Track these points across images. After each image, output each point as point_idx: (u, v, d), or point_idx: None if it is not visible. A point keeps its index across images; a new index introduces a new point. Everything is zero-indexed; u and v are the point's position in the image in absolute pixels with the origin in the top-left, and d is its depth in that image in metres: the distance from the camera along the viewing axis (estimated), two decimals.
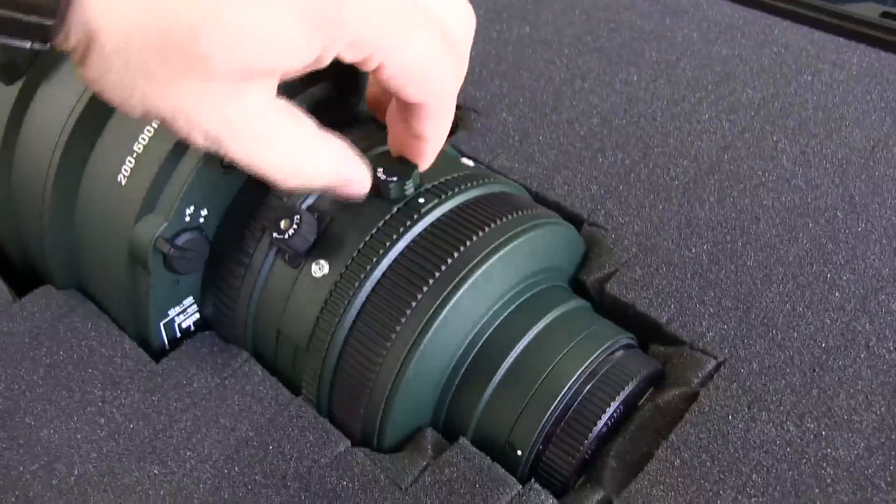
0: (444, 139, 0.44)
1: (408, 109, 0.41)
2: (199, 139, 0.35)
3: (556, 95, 0.67)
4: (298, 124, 0.38)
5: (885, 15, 0.69)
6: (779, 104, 0.64)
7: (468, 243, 0.45)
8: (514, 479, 0.44)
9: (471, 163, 0.51)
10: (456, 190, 0.47)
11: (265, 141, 0.37)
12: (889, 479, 0.43)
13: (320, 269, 0.45)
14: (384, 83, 0.38)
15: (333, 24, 0.34)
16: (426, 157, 0.45)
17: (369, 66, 0.37)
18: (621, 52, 0.70)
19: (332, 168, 0.41)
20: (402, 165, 0.44)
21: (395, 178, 0.44)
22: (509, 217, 0.46)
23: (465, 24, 0.41)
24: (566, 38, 0.72)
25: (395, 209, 0.45)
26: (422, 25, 0.37)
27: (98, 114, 0.48)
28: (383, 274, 0.44)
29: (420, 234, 0.45)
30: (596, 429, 0.44)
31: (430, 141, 0.43)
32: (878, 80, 0.65)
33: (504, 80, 0.69)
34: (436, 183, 0.47)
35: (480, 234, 0.45)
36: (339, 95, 0.51)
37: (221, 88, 0.34)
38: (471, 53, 0.43)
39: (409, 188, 0.45)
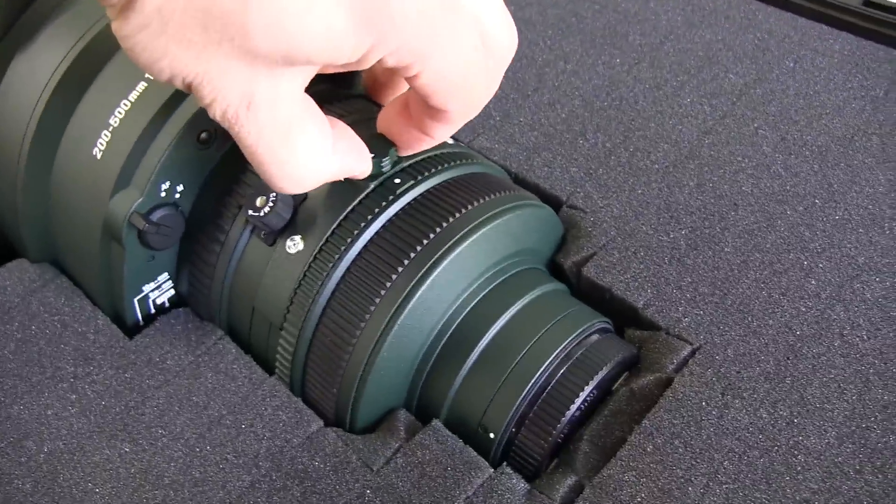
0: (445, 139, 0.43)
1: (428, 110, 0.40)
2: (217, 112, 0.34)
3: (538, 76, 0.67)
4: (316, 125, 0.37)
5: (867, 3, 0.68)
6: (760, 90, 0.64)
7: (444, 224, 0.44)
8: (486, 463, 0.44)
9: (451, 140, 0.51)
10: (433, 170, 0.46)
11: (280, 133, 0.35)
12: (858, 468, 0.43)
13: (294, 245, 0.45)
14: (415, 88, 0.37)
15: (384, 26, 0.33)
16: (416, 148, 0.44)
17: (405, 74, 0.36)
18: (605, 34, 0.70)
19: (333, 174, 0.40)
20: (379, 142, 0.44)
21: (372, 155, 0.44)
22: (486, 198, 0.46)
23: (507, 40, 0.39)
24: (550, 19, 0.72)
25: (370, 186, 0.45)
26: (466, 35, 0.36)
27: (74, 86, 0.48)
28: (358, 254, 0.44)
29: (396, 214, 0.45)
30: (569, 413, 0.44)
31: (433, 139, 0.42)
32: (859, 67, 0.65)
33: None
34: (413, 162, 0.47)
35: (457, 215, 0.45)
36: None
37: (255, 65, 0.33)
38: None
39: (386, 165, 0.44)
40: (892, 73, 0.64)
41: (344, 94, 0.51)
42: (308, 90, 0.36)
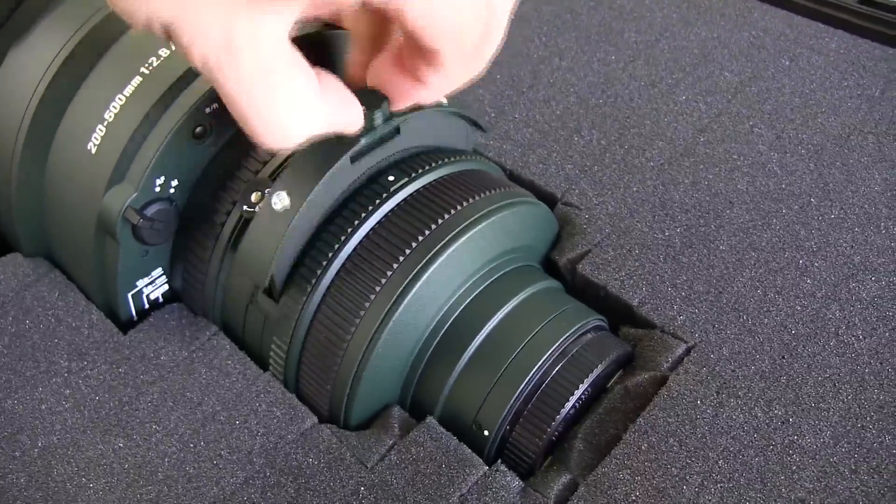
0: (440, 95, 0.41)
1: (421, 53, 0.37)
2: (197, 57, 0.32)
3: (533, 73, 0.67)
4: (301, 72, 0.35)
5: (863, 2, 0.68)
6: (756, 88, 0.64)
7: (440, 221, 0.44)
8: (481, 460, 0.44)
9: (444, 99, 0.49)
10: (427, 167, 0.46)
11: (264, 82, 0.33)
12: (853, 467, 0.43)
13: (280, 201, 0.43)
14: (405, 28, 0.35)
15: None
16: (409, 101, 0.41)
17: (393, 6, 0.33)
18: (600, 31, 0.70)
19: (321, 126, 0.37)
20: (370, 96, 0.41)
21: (363, 109, 0.41)
22: (482, 195, 0.46)
23: None
24: (545, 16, 0.72)
25: (362, 141, 0.43)
26: None
27: (70, 79, 0.47)
28: (353, 250, 0.44)
29: (391, 210, 0.45)
30: (563, 411, 0.44)
31: (427, 89, 0.40)
32: (854, 66, 0.65)
33: None
34: (407, 158, 0.47)
35: (452, 212, 0.45)
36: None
37: (235, 6, 0.31)
38: None
39: (378, 119, 0.42)
40: (889, 72, 0.64)
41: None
42: None
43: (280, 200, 0.43)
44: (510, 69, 0.67)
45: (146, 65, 0.46)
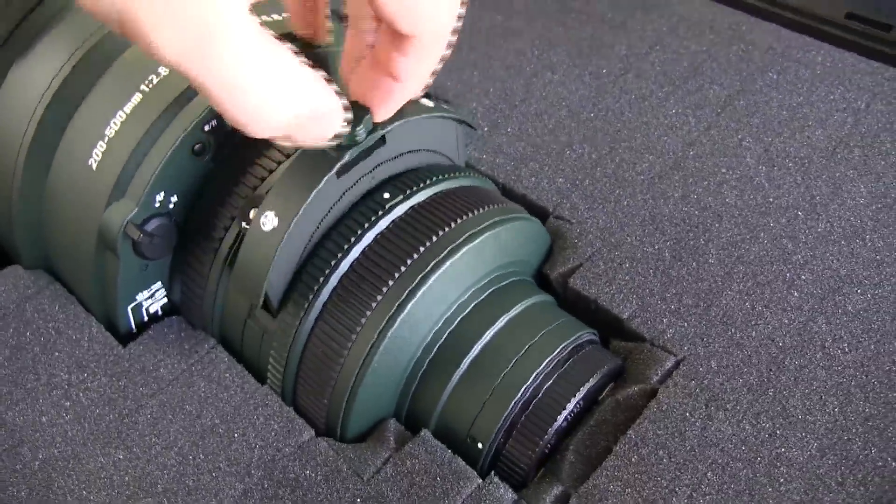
0: (419, 89, 0.40)
1: (395, 43, 0.37)
2: (166, 53, 0.30)
3: (525, 87, 0.67)
4: (273, 47, 0.33)
5: (849, 16, 0.69)
6: (744, 101, 0.65)
7: (434, 238, 0.45)
8: (475, 473, 0.45)
9: (430, 103, 0.49)
10: (422, 185, 0.47)
11: (236, 61, 0.31)
12: (839, 480, 0.44)
13: (269, 221, 0.43)
14: (380, 12, 0.35)
15: None
16: (391, 103, 0.40)
17: None
18: (591, 44, 0.71)
19: (304, 109, 0.35)
20: (352, 109, 0.39)
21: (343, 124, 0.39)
22: (476, 212, 0.47)
23: None
24: (537, 29, 0.72)
25: (345, 157, 0.42)
26: None
27: (71, 96, 0.48)
28: (350, 267, 0.45)
29: (387, 227, 0.46)
30: (556, 424, 0.45)
31: (403, 83, 0.39)
32: (840, 79, 0.66)
33: (475, 69, 0.69)
34: (401, 174, 0.48)
35: (447, 228, 0.45)
36: None
37: None
38: None
39: (361, 133, 0.40)
40: (873, 86, 0.65)
41: None
42: None
43: (268, 221, 0.43)
44: (503, 83, 0.68)
45: (146, 82, 0.47)
